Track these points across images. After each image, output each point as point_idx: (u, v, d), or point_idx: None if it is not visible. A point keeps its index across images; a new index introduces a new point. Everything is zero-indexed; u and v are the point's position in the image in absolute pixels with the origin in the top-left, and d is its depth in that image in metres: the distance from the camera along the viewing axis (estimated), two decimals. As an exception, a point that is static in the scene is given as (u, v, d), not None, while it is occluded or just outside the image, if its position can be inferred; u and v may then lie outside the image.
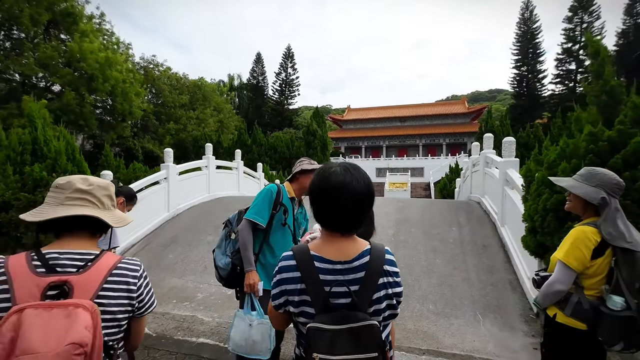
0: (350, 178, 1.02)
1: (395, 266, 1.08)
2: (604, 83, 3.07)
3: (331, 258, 1.03)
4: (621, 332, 1.57)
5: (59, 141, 5.10)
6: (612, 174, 1.73)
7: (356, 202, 1.02)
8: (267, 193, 2.22)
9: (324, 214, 1.06)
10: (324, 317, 0.96)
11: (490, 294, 4.14)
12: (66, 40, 16.54)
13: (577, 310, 1.67)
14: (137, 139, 21.97)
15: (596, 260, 1.64)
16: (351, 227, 1.06)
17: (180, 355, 3.06)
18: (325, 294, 0.98)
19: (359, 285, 1.00)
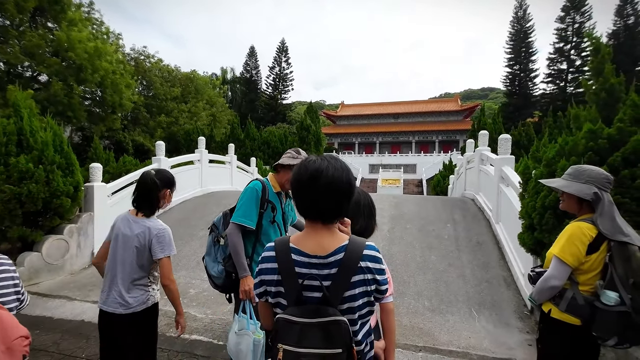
0: (326, 165, 1.03)
1: (378, 261, 1.03)
2: (603, 81, 3.06)
3: (308, 251, 1.03)
4: (615, 327, 1.57)
5: (45, 132, 4.92)
6: (599, 170, 1.75)
7: (331, 189, 1.01)
8: (252, 192, 2.11)
9: (302, 203, 1.06)
10: (295, 310, 0.96)
11: (485, 290, 4.15)
12: (53, 28, 16.03)
13: (572, 306, 1.67)
14: (128, 132, 21.53)
15: (591, 256, 1.64)
16: (329, 215, 1.05)
17: (173, 352, 3.00)
18: (298, 286, 0.99)
19: (332, 281, 0.99)
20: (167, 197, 2.00)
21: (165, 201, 2.00)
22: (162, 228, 1.88)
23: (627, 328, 1.56)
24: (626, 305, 1.55)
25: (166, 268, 1.79)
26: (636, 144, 2.57)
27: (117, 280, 1.86)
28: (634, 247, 1.59)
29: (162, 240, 1.83)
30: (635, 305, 1.54)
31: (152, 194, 1.88)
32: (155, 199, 1.89)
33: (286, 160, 2.15)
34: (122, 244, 1.87)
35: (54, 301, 4.02)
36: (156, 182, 1.89)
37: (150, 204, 1.89)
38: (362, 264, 1.00)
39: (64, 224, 5.03)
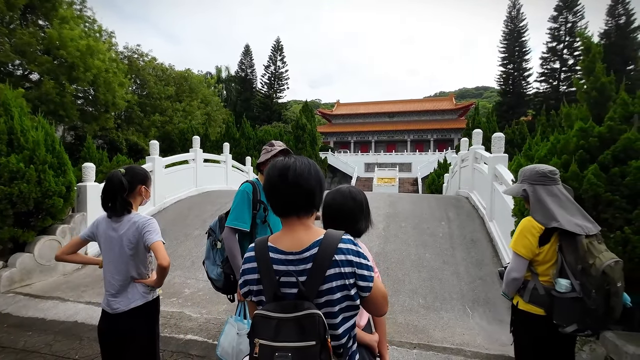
0: (292, 162, 1.08)
1: (356, 255, 1.03)
2: (594, 79, 3.10)
3: (284, 249, 1.05)
4: (571, 314, 1.64)
5: (37, 131, 4.85)
6: (533, 166, 1.88)
7: (299, 183, 1.05)
8: (243, 195, 2.14)
9: (275, 201, 1.10)
10: (272, 306, 0.98)
11: (479, 287, 4.19)
12: (45, 26, 15.81)
13: (534, 296, 1.76)
14: (121, 131, 21.32)
15: (543, 247, 1.74)
16: (301, 209, 1.08)
17: (167, 352, 2.98)
18: (275, 283, 1.01)
19: (307, 276, 1.00)
20: (144, 193, 1.95)
21: (143, 198, 1.97)
22: (149, 218, 1.86)
23: (584, 314, 1.62)
24: (577, 291, 1.63)
25: (161, 250, 1.76)
26: (626, 142, 2.60)
27: (114, 282, 1.84)
28: (580, 236, 1.66)
29: (151, 228, 1.81)
30: (585, 290, 1.61)
31: (119, 195, 1.80)
32: (123, 201, 1.82)
33: (262, 157, 2.22)
34: (108, 246, 1.84)
35: (47, 302, 3.98)
36: (122, 182, 1.81)
37: (119, 206, 1.81)
38: (337, 257, 1.00)
39: (56, 224, 4.97)
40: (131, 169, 1.95)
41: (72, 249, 1.94)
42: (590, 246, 1.65)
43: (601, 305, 1.58)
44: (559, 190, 1.81)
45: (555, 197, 1.79)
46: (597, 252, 1.64)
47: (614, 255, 1.64)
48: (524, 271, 1.79)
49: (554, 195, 1.79)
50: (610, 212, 2.55)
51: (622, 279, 1.61)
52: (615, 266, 1.59)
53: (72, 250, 1.94)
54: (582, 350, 2.68)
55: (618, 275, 1.59)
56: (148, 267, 1.94)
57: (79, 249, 1.97)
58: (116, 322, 1.83)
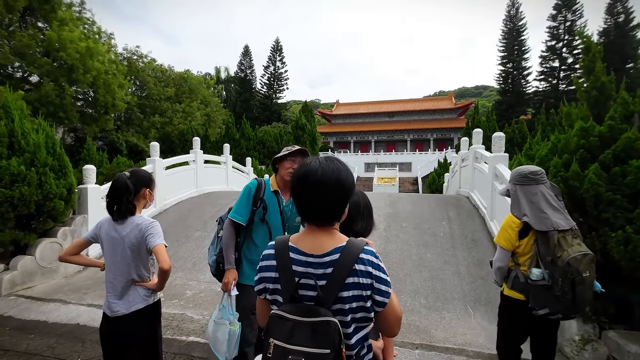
0: (317, 167, 1.02)
1: (377, 268, 1.01)
2: (594, 79, 3.10)
3: (305, 250, 1.04)
4: (542, 299, 1.86)
5: (37, 134, 4.86)
6: (519, 168, 2.07)
7: (320, 190, 1.01)
8: (246, 190, 2.22)
9: (297, 204, 1.08)
10: (288, 307, 0.98)
11: (480, 287, 4.19)
12: (44, 28, 15.81)
13: (515, 284, 2.01)
14: (121, 132, 21.34)
15: (522, 241, 1.96)
16: (324, 218, 1.05)
17: (170, 354, 2.98)
18: (294, 284, 1.00)
19: (326, 281, 0.99)
20: (148, 196, 1.96)
21: (147, 201, 1.98)
22: (152, 220, 1.86)
23: (554, 300, 1.82)
24: (546, 279, 1.84)
25: (163, 254, 1.77)
26: (627, 142, 2.61)
27: (116, 283, 1.85)
28: (552, 231, 1.86)
29: (154, 231, 1.82)
30: (553, 278, 1.81)
31: (125, 197, 1.81)
32: (128, 203, 1.83)
33: (282, 153, 2.24)
34: (110, 248, 1.85)
35: (49, 305, 3.98)
36: (128, 185, 1.82)
37: (124, 209, 1.82)
38: (357, 266, 0.99)
39: (57, 227, 4.97)
40: (136, 172, 1.95)
41: (75, 250, 1.94)
42: (561, 240, 1.84)
43: (568, 292, 1.77)
44: (539, 190, 1.97)
45: (533, 195, 1.96)
46: (567, 245, 1.83)
47: (584, 249, 1.82)
48: (506, 261, 2.05)
49: (531, 194, 1.96)
50: (611, 212, 2.55)
51: (589, 269, 1.78)
52: (582, 259, 1.77)
53: (75, 251, 1.94)
54: (584, 349, 2.69)
55: (584, 267, 1.76)
56: (150, 269, 1.95)
57: (82, 250, 1.98)
58: (117, 325, 1.83)
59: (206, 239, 5.84)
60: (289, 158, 2.19)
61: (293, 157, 2.19)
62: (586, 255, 1.79)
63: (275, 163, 2.28)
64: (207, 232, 6.11)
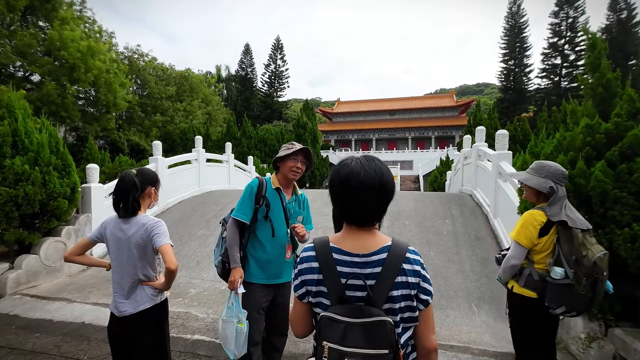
0: (359, 169, 1.01)
1: (420, 265, 1.03)
2: (600, 76, 3.08)
3: (349, 250, 1.02)
4: (561, 297, 1.85)
5: (41, 133, 4.86)
6: (557, 166, 2.02)
7: (365, 192, 1.00)
8: (248, 189, 2.24)
9: (339, 207, 1.06)
10: (338, 309, 0.95)
11: (484, 285, 4.19)
12: (45, 27, 15.83)
13: (529, 281, 1.98)
14: (123, 131, 21.37)
15: (542, 238, 1.94)
16: (366, 219, 1.04)
17: (176, 352, 2.99)
18: (341, 285, 0.99)
19: (376, 280, 0.98)
20: (153, 195, 1.96)
21: (152, 200, 1.98)
22: (157, 220, 1.86)
23: (573, 298, 1.82)
24: (569, 278, 1.83)
25: (169, 254, 1.77)
26: (633, 139, 2.59)
27: (123, 283, 1.85)
28: (576, 230, 1.84)
29: (160, 230, 1.82)
30: (576, 277, 1.81)
31: (132, 194, 1.81)
32: (135, 201, 1.83)
33: (281, 153, 2.27)
34: (116, 248, 1.85)
35: (54, 303, 3.99)
36: (135, 181, 1.82)
37: (131, 206, 1.82)
38: (405, 265, 0.99)
39: (61, 226, 4.99)
40: (142, 170, 1.95)
41: (80, 250, 1.94)
42: (584, 239, 1.83)
43: (589, 291, 1.79)
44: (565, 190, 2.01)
45: (564, 196, 1.98)
46: (590, 244, 1.82)
47: (602, 248, 1.82)
48: (522, 259, 2.00)
49: (564, 195, 1.98)
50: (617, 209, 2.54)
51: (607, 268, 1.80)
52: (604, 257, 1.78)
53: (80, 251, 1.94)
54: (590, 347, 2.69)
55: (605, 266, 1.78)
56: (156, 269, 1.95)
57: (87, 250, 1.98)
58: (125, 324, 1.83)
59: (209, 238, 5.85)
60: (292, 157, 2.22)
61: (295, 156, 2.23)
62: (605, 254, 1.80)
63: (277, 162, 2.31)
64: (210, 230, 6.11)
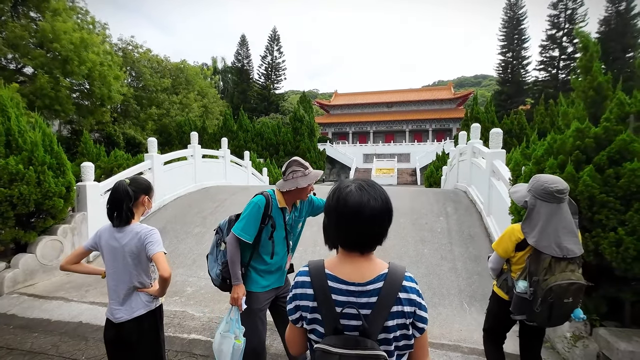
0: (367, 197, 0.99)
1: (416, 293, 1.01)
2: (592, 79, 3.10)
3: (345, 278, 1.01)
4: (522, 308, 1.99)
5: (34, 131, 4.83)
6: (545, 181, 1.95)
7: (376, 221, 0.99)
8: (255, 208, 2.13)
9: (345, 235, 1.04)
10: (333, 339, 0.95)
11: (476, 283, 4.27)
12: (37, 18, 15.52)
13: (503, 285, 2.20)
14: (118, 125, 21.18)
15: (518, 253, 2.06)
16: (372, 245, 1.04)
17: (172, 352, 3.05)
18: (336, 314, 0.98)
19: (371, 310, 0.97)
20: (147, 204, 2.00)
21: (145, 208, 2.01)
22: (151, 228, 1.90)
23: (531, 311, 1.95)
24: (527, 294, 1.95)
25: (162, 262, 1.81)
26: (621, 144, 2.63)
27: (118, 291, 1.89)
28: (544, 255, 1.89)
29: (153, 239, 1.85)
30: (532, 295, 1.93)
31: (125, 204, 1.85)
32: (129, 210, 1.87)
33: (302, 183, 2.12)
34: (111, 257, 1.88)
35: (51, 303, 4.04)
36: (129, 191, 1.86)
37: (125, 215, 1.86)
38: (402, 295, 0.98)
39: (57, 225, 5.00)
40: (135, 179, 1.98)
41: (76, 258, 1.97)
42: (554, 264, 1.86)
43: (545, 311, 1.88)
44: (560, 210, 1.90)
45: (552, 216, 1.89)
46: (559, 270, 1.85)
47: (575, 278, 1.83)
48: (499, 266, 2.22)
49: (551, 214, 1.90)
50: (604, 213, 2.59)
51: (573, 297, 1.84)
52: (568, 287, 1.82)
53: (76, 260, 1.97)
54: (575, 346, 2.77)
55: (569, 294, 1.83)
56: (151, 276, 1.98)
57: (83, 258, 2.01)
58: (121, 330, 1.88)
59: (206, 235, 5.89)
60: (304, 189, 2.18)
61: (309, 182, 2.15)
62: (574, 284, 1.82)
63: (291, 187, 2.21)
64: (206, 228, 6.15)
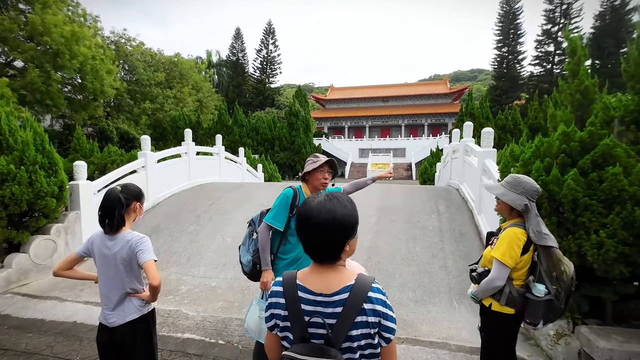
0: (318, 209, 1.04)
1: (385, 305, 1.04)
2: (579, 83, 3.15)
3: (313, 289, 1.06)
4: (539, 312, 1.92)
5: (25, 131, 4.80)
6: (532, 183, 2.03)
7: (322, 232, 1.03)
8: (283, 198, 2.36)
9: (302, 244, 1.11)
10: (300, 347, 1.00)
11: (465, 280, 4.35)
12: (26, 11, 15.22)
13: (509, 299, 2.00)
14: (111, 119, 20.97)
15: (523, 257, 1.97)
16: (323, 257, 1.07)
17: (166, 352, 3.09)
18: (304, 323, 1.03)
19: (336, 320, 1.02)
20: (138, 210, 2.03)
21: (137, 214, 2.04)
22: (142, 236, 1.93)
23: (550, 312, 1.90)
24: (551, 294, 1.88)
25: (152, 270, 1.84)
26: (605, 148, 2.69)
27: (111, 296, 1.92)
28: (554, 248, 1.90)
29: (144, 247, 1.88)
30: (557, 293, 1.87)
31: (117, 211, 1.88)
32: (120, 217, 1.89)
33: (308, 167, 2.37)
34: (103, 263, 1.91)
35: (45, 302, 4.06)
36: (120, 198, 1.89)
37: (116, 222, 1.89)
38: (366, 305, 1.01)
39: (50, 224, 5.00)
40: (126, 186, 2.00)
41: (68, 265, 2.00)
42: (560, 255, 1.89)
43: (564, 304, 1.87)
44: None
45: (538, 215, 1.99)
46: (564, 260, 1.88)
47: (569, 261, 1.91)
48: (506, 279, 1.99)
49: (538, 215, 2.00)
50: (587, 216, 2.66)
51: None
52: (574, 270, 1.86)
53: (68, 266, 2.00)
54: (557, 344, 2.86)
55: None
56: (143, 281, 2.02)
57: (76, 264, 2.04)
58: (114, 334, 1.92)
59: (200, 233, 5.92)
60: (319, 169, 2.34)
61: (322, 168, 2.35)
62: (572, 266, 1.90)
63: (305, 175, 2.44)
64: (200, 226, 6.17)
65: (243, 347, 3.12)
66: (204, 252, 5.39)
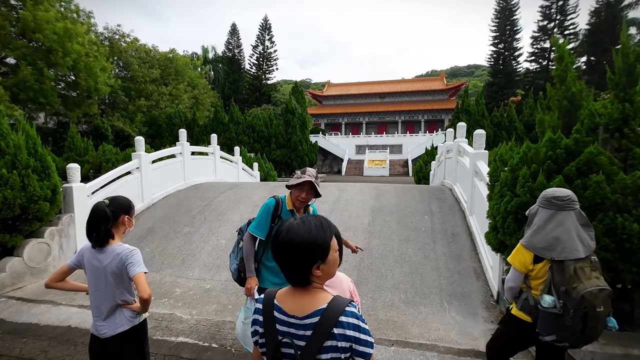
0: (286, 229, 1.07)
1: (357, 330, 1.03)
2: (566, 89, 3.20)
3: (287, 311, 1.09)
4: (551, 326, 1.86)
5: (17, 134, 4.78)
6: (547, 190, 1.99)
7: (281, 254, 1.07)
8: (265, 208, 2.44)
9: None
10: None
11: (456, 282, 4.43)
12: (17, 7, 15.00)
13: (525, 306, 2.01)
14: (106, 117, 20.81)
15: (537, 265, 1.94)
16: (292, 280, 1.10)
17: (159, 356, 3.13)
18: (277, 342, 1.06)
19: (305, 342, 1.04)
20: (128, 223, 2.05)
21: (127, 227, 2.06)
22: (133, 248, 1.95)
23: (562, 329, 1.82)
24: (557, 308, 1.83)
25: (142, 283, 1.87)
26: (589, 156, 2.75)
27: (102, 308, 1.95)
28: (567, 262, 1.83)
29: (134, 260, 1.91)
30: (564, 308, 1.81)
31: (104, 226, 1.90)
32: (107, 231, 1.91)
33: (292, 182, 2.43)
34: (93, 276, 1.94)
35: (40, 307, 4.08)
36: (107, 213, 1.90)
37: (103, 236, 1.91)
38: (336, 330, 1.01)
39: (44, 227, 5.00)
40: (115, 199, 2.02)
41: (60, 276, 2.02)
42: (579, 271, 1.80)
43: (578, 324, 1.75)
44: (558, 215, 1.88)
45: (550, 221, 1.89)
46: (585, 278, 1.78)
47: (602, 284, 1.78)
48: (518, 282, 2.02)
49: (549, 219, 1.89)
50: (571, 223, 2.72)
51: (604, 305, 1.75)
52: (598, 293, 1.74)
53: (60, 277, 2.02)
54: (542, 346, 2.94)
55: (599, 301, 1.73)
56: (134, 293, 2.05)
57: (67, 276, 2.06)
58: (106, 345, 1.95)
59: (195, 235, 5.95)
60: (299, 187, 2.39)
61: (302, 187, 2.39)
62: (603, 290, 1.76)
63: (290, 187, 2.50)
64: (195, 227, 6.20)
65: (236, 350, 3.17)
66: (199, 254, 5.42)
